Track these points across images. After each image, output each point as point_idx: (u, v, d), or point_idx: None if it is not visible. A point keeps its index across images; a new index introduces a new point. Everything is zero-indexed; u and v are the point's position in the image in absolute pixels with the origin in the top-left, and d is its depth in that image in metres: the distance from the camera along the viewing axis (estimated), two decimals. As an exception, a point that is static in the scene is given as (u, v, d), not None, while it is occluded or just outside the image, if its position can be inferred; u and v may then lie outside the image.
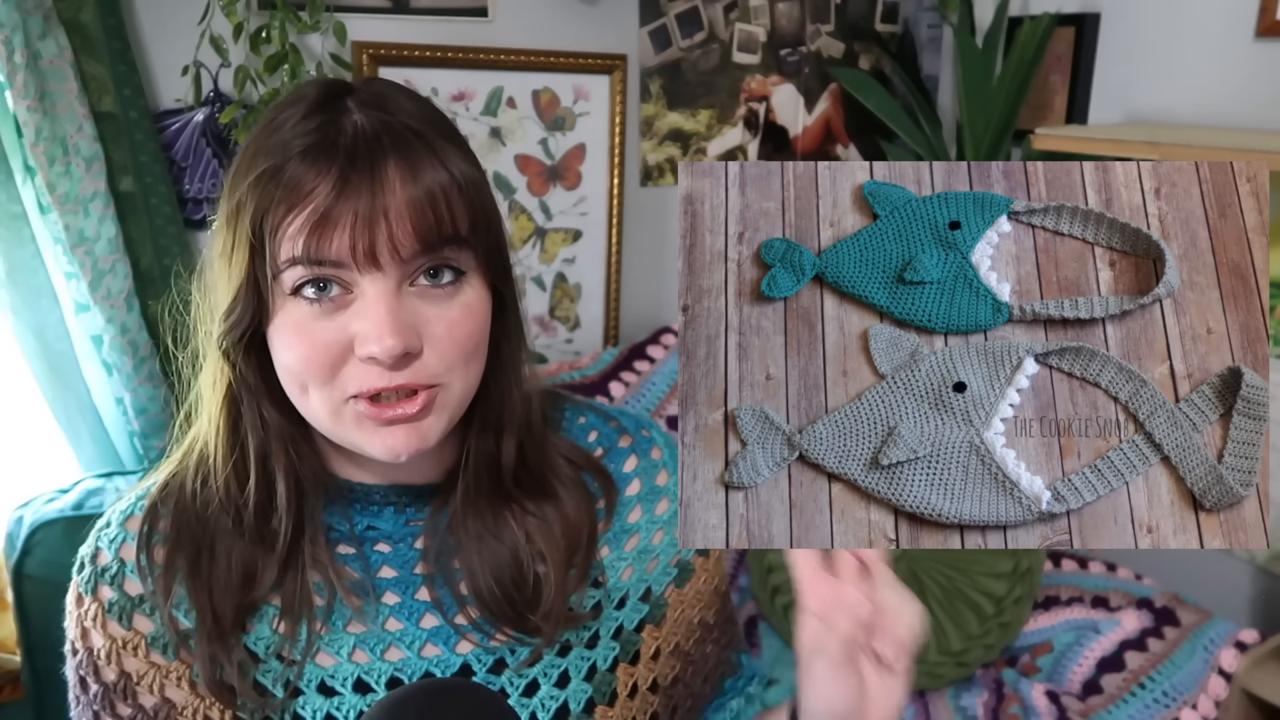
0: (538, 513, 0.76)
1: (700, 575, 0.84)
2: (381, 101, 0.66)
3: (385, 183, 0.62)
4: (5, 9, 1.33)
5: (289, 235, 0.62)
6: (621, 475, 0.82)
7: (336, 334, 0.64)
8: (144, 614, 0.73)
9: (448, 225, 0.64)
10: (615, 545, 0.80)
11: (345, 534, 0.75)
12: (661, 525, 0.82)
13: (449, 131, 0.68)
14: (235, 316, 0.66)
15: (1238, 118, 1.85)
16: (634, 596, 0.80)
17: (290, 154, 0.62)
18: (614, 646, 0.79)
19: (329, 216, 0.61)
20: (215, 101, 1.64)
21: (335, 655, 0.73)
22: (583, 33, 1.98)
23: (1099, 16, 2.04)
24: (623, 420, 0.85)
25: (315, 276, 0.63)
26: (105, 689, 0.73)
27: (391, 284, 0.63)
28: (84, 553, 0.75)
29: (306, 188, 0.62)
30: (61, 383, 1.54)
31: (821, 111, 2.34)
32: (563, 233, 2.07)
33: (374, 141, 0.63)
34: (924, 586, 1.74)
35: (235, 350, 0.68)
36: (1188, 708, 1.58)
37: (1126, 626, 1.70)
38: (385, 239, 0.62)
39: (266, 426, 0.70)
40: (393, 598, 0.75)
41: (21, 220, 1.46)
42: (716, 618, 0.86)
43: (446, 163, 0.64)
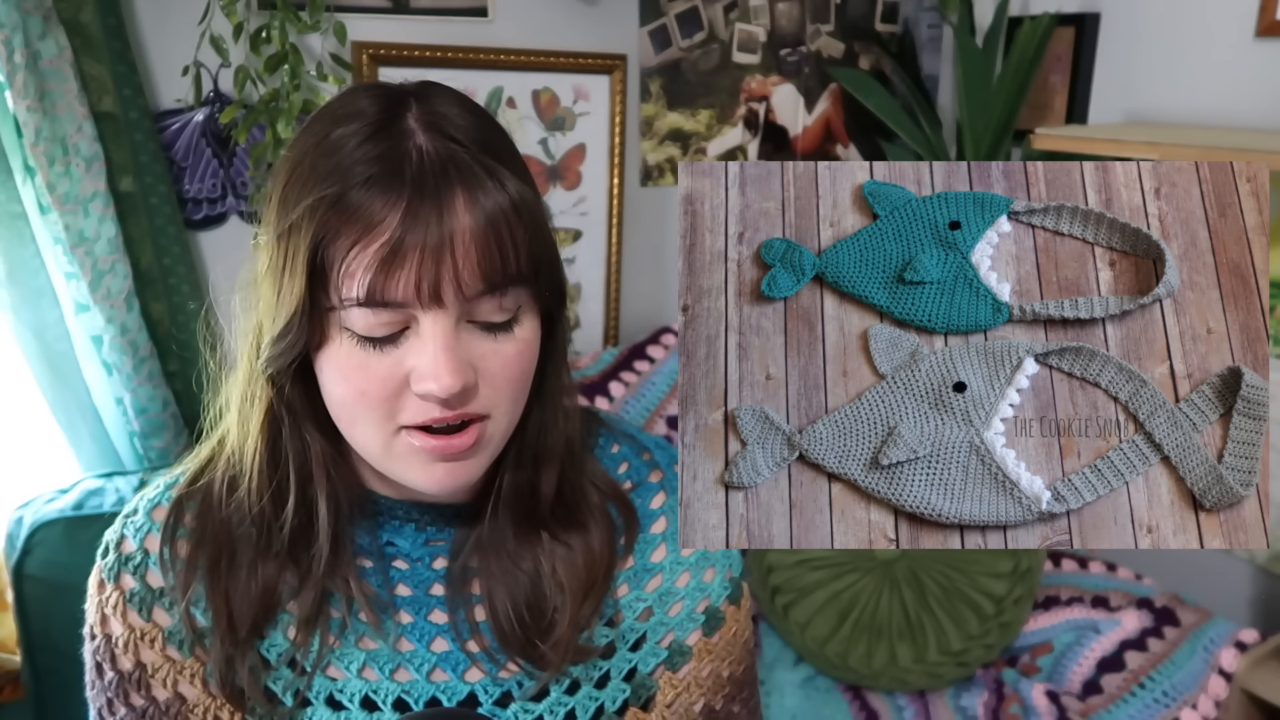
0: (566, 542, 0.74)
1: (731, 626, 0.81)
2: (444, 122, 0.63)
3: (453, 215, 0.60)
4: (5, 9, 1.33)
5: (352, 271, 0.60)
6: (648, 512, 0.79)
7: (392, 369, 0.62)
8: (163, 608, 0.73)
9: (511, 262, 0.62)
10: (635, 584, 0.77)
11: (367, 547, 0.74)
12: (688, 567, 0.79)
13: (508, 151, 0.66)
14: (288, 342, 0.63)
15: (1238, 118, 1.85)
16: (651, 640, 0.77)
17: (353, 181, 0.60)
18: (624, 689, 0.76)
19: (396, 252, 0.59)
20: (215, 101, 1.64)
21: (345, 670, 0.73)
22: (582, 33, 1.98)
23: (1099, 16, 2.04)
24: (656, 454, 0.82)
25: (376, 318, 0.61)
26: (120, 677, 0.73)
27: (451, 321, 0.62)
28: (109, 538, 0.75)
29: (376, 219, 0.59)
30: (61, 383, 1.54)
31: (821, 111, 2.34)
32: (563, 233, 2.07)
33: (440, 172, 0.60)
34: (924, 586, 1.74)
35: (283, 376, 0.66)
36: (1188, 708, 1.58)
37: (1126, 626, 1.70)
38: (451, 276, 0.60)
39: (308, 449, 0.69)
40: (406, 617, 0.74)
41: (21, 220, 1.46)
42: (745, 675, 0.83)
43: (506, 187, 0.62)
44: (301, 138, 0.65)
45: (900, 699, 1.73)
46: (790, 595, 1.80)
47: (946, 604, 1.72)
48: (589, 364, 2.00)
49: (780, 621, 1.81)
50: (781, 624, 1.81)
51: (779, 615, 1.81)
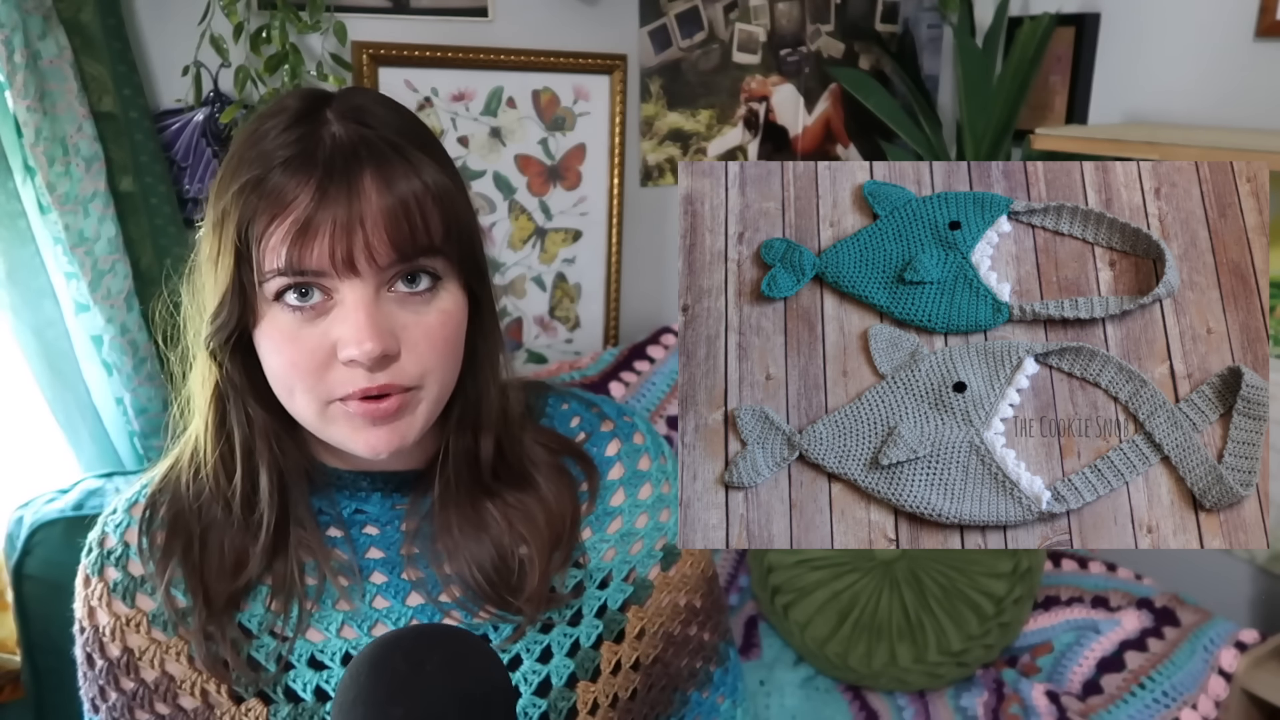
0: (518, 504, 0.79)
1: (687, 560, 0.86)
2: (359, 113, 0.68)
3: (361, 193, 0.65)
4: (5, 9, 1.33)
5: (272, 245, 0.65)
6: (604, 459, 0.84)
7: (320, 340, 0.67)
8: (145, 593, 0.77)
9: (422, 234, 0.67)
10: (598, 528, 0.82)
11: (334, 518, 0.78)
12: (645, 509, 0.84)
13: (425, 141, 0.71)
14: (221, 320, 0.69)
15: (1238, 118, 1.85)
16: (617, 577, 0.82)
17: (272, 164, 0.66)
18: (597, 625, 0.81)
19: (309, 226, 0.64)
20: (215, 101, 1.63)
21: (324, 631, 0.76)
22: (583, 33, 1.98)
23: (1099, 16, 2.04)
24: (604, 407, 0.88)
25: (297, 284, 0.66)
26: (110, 664, 0.77)
27: (369, 290, 0.66)
28: (92, 537, 0.80)
29: (288, 198, 0.65)
30: (61, 383, 1.54)
31: (821, 111, 2.34)
32: (563, 233, 2.07)
33: (351, 153, 0.66)
34: (924, 586, 1.74)
35: (222, 351, 0.71)
36: (1188, 708, 1.58)
37: (1126, 626, 1.70)
38: (362, 246, 0.65)
39: (252, 423, 0.74)
40: (380, 577, 0.78)
41: (21, 220, 1.46)
42: (703, 602, 0.88)
43: (421, 173, 0.67)
44: (238, 135, 0.71)
45: (900, 699, 1.73)
46: (790, 595, 1.80)
47: (946, 604, 1.72)
48: (589, 364, 2.00)
49: (780, 621, 1.81)
50: (781, 624, 1.81)
51: (779, 615, 1.81)
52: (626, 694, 0.82)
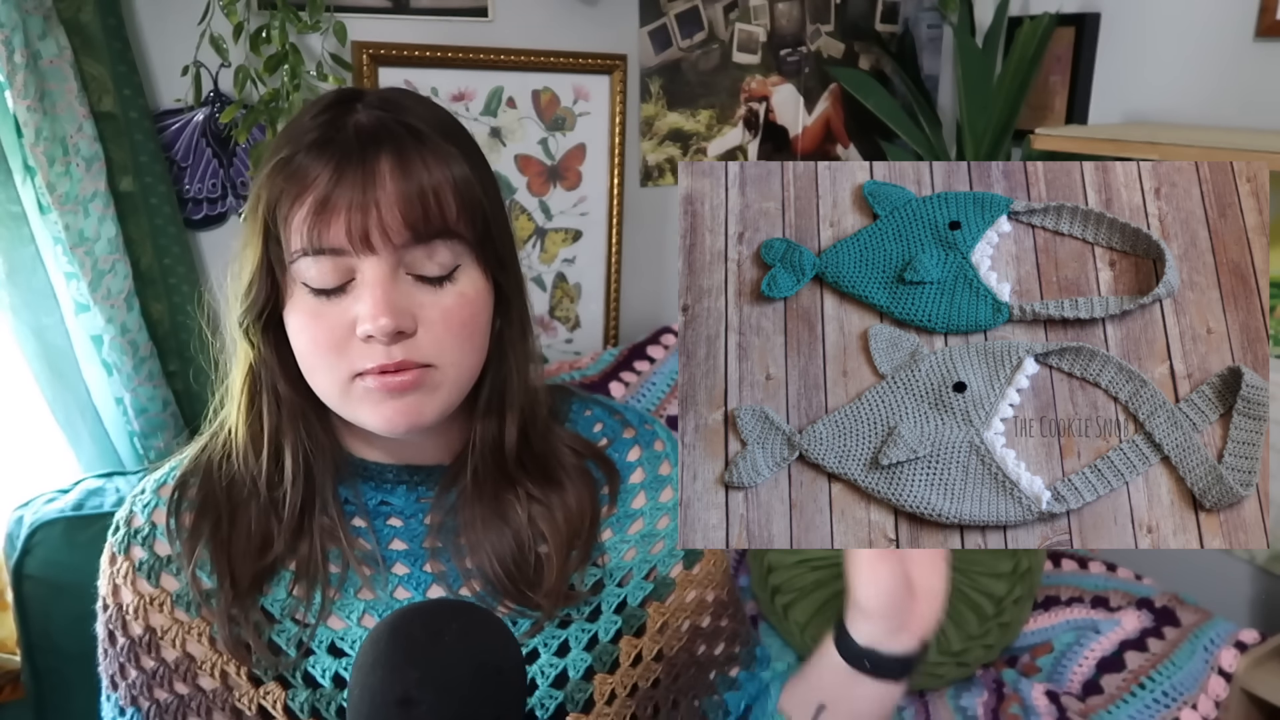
0: (542, 498, 0.80)
1: (709, 558, 0.88)
2: (388, 103, 0.71)
3: (377, 176, 0.67)
4: (5, 9, 1.33)
5: (295, 225, 0.68)
6: (625, 464, 0.86)
7: (340, 316, 0.69)
8: (170, 573, 0.78)
9: (437, 217, 0.69)
10: (619, 529, 0.84)
11: (359, 508, 0.80)
12: (666, 511, 0.86)
13: (454, 133, 0.73)
14: (252, 298, 0.72)
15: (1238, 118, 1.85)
16: (638, 575, 0.84)
17: (299, 147, 0.69)
18: (616, 620, 0.82)
19: (327, 203, 0.67)
20: (215, 101, 1.64)
21: (346, 619, 0.77)
22: (583, 33, 1.98)
23: (1099, 16, 2.04)
24: (626, 414, 0.90)
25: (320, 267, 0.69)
26: (131, 642, 0.78)
27: (386, 268, 0.69)
28: (119, 516, 0.81)
29: (310, 177, 0.68)
30: (61, 383, 1.54)
31: (821, 111, 2.34)
32: (563, 233, 2.07)
33: (370, 138, 0.69)
34: (924, 586, 1.73)
35: (254, 330, 0.74)
36: (1188, 708, 1.58)
37: (1126, 626, 1.70)
38: (377, 223, 0.67)
39: (281, 403, 0.76)
40: (402, 569, 0.79)
41: (21, 220, 1.46)
42: (728, 595, 0.90)
43: (441, 159, 0.69)
44: None
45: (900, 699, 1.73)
46: (790, 595, 1.79)
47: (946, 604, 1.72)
48: (589, 364, 2.00)
49: (780, 621, 1.81)
50: (781, 624, 1.80)
51: (779, 615, 1.81)
52: (647, 684, 0.83)
